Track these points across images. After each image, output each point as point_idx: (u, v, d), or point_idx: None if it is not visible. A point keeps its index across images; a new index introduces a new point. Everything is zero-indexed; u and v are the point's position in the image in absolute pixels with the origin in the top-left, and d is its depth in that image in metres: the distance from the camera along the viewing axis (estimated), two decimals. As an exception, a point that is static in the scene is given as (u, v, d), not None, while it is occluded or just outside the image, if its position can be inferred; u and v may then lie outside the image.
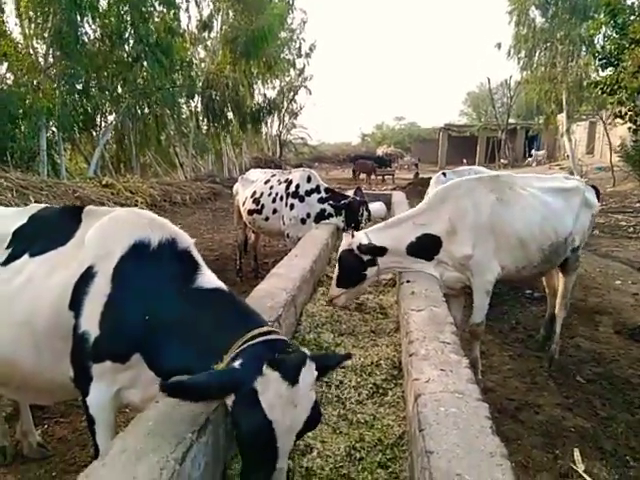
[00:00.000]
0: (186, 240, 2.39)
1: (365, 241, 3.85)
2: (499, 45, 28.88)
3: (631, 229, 12.17)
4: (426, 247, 3.89)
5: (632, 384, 4.42)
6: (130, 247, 2.28)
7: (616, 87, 16.06)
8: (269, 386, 1.67)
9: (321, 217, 6.85)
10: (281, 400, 1.67)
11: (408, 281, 3.69)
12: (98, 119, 20.46)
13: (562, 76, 24.73)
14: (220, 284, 2.29)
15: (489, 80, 36.18)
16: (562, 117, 27.85)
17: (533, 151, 38.19)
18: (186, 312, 2.12)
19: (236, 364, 1.77)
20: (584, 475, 3.11)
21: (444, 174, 7.01)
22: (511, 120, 37.74)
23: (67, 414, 4.06)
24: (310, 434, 2.24)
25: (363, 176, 28.69)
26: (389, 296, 4.59)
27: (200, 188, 19.51)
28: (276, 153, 39.79)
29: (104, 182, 13.81)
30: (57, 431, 3.81)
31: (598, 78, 19.06)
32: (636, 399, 4.17)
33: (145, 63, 17.41)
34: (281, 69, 30.37)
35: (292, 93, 38.43)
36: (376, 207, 8.09)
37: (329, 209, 6.76)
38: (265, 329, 1.96)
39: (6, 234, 2.70)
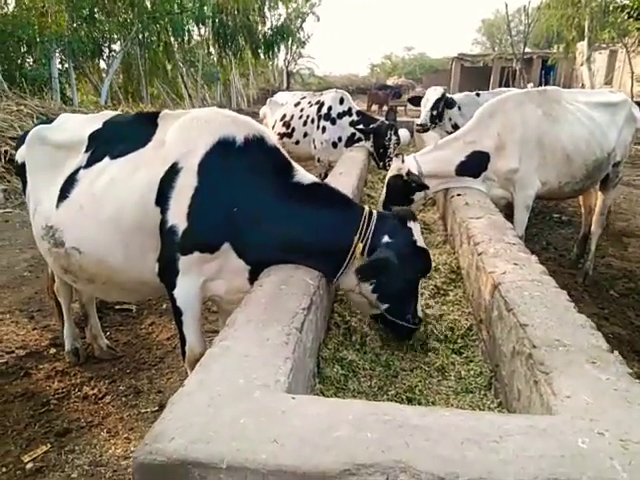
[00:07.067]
0: (273, 138, 2.46)
1: (414, 168, 3.86)
2: (519, -33, 27.24)
3: (652, 159, 12.06)
4: (475, 165, 3.95)
5: (663, 298, 4.60)
6: (214, 143, 2.34)
7: (644, 10, 15.41)
8: (416, 231, 2.38)
9: (352, 141, 6.81)
10: (420, 235, 2.41)
11: (459, 194, 3.77)
12: (106, 48, 19.85)
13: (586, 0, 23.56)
14: (315, 178, 2.42)
15: (506, 6, 34.40)
16: (582, 45, 26.79)
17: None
18: (291, 204, 2.26)
19: (385, 239, 2.26)
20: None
21: (478, 94, 6.91)
22: (527, 49, 36.23)
23: (126, 323, 4.30)
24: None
25: (375, 108, 28.01)
26: (431, 213, 4.70)
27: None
28: (282, 84, 38.71)
29: (120, 110, 13.62)
30: (120, 337, 4.05)
31: (625, 1, 18.25)
32: (667, 311, 4.36)
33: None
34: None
35: (300, 20, 36.90)
36: (401, 134, 8.02)
37: (359, 133, 6.72)
38: (367, 208, 2.34)
39: (83, 139, 2.77)
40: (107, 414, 3.01)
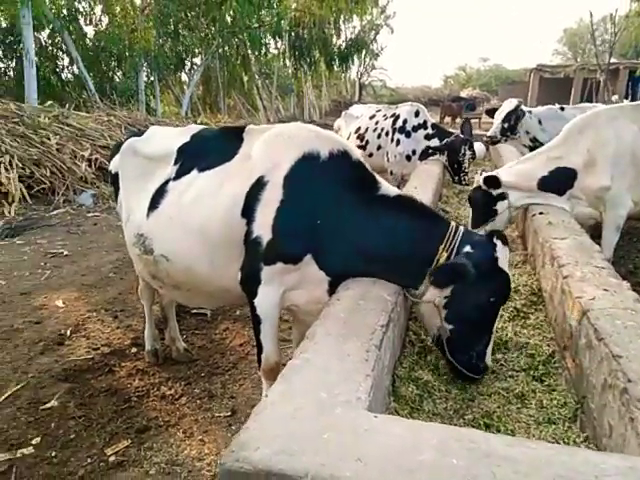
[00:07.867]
0: (357, 152, 2.50)
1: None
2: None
3: None
4: (559, 181, 3.81)
5: None
6: (299, 158, 2.40)
7: None
8: (501, 252, 2.25)
9: (426, 154, 6.74)
10: (506, 261, 2.29)
11: (541, 213, 3.64)
12: (188, 61, 20.89)
13: (682, 7, 22.07)
14: (399, 190, 2.44)
15: (591, 14, 32.77)
16: (675, 55, 25.12)
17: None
18: (378, 216, 2.30)
19: (467, 248, 2.20)
20: None
21: (562, 108, 6.65)
22: (613, 59, 34.34)
23: (201, 327, 4.45)
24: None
25: (448, 119, 27.58)
26: (509, 231, 4.55)
27: (284, 130, 19.70)
28: (354, 96, 38.96)
29: (199, 121, 14.29)
30: (195, 341, 4.19)
31: None
32: None
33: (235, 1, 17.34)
34: (365, 6, 29.18)
35: (374, 33, 37.04)
36: (476, 148, 7.84)
37: (433, 149, 6.65)
38: (453, 223, 2.31)
39: (171, 151, 2.92)
40: (183, 415, 3.13)
